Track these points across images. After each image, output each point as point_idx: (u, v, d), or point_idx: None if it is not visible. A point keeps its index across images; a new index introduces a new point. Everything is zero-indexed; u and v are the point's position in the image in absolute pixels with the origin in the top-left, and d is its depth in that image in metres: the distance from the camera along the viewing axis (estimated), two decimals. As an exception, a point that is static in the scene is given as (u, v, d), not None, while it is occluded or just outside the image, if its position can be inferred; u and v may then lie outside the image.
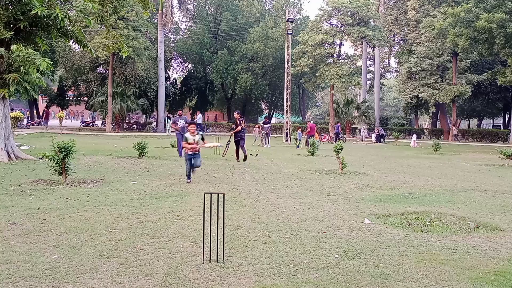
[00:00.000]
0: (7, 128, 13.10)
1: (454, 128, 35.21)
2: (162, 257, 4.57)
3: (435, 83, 36.67)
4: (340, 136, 32.94)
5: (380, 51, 45.42)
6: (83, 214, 6.33)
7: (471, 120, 57.82)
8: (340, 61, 37.94)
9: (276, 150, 21.66)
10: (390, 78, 58.72)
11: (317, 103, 72.96)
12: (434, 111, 41.66)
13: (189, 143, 9.39)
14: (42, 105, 54.55)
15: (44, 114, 44.85)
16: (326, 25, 37.20)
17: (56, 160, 8.81)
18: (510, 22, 26.82)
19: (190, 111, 56.25)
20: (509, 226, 6.31)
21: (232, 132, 15.43)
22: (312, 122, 28.27)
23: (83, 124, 47.84)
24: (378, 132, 34.59)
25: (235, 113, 16.12)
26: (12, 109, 40.76)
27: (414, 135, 30.07)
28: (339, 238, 5.47)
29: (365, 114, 38.08)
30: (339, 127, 34.09)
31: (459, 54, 35.08)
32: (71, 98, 50.23)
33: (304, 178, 11.07)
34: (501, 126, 49.05)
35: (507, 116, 48.34)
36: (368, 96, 51.59)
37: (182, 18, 52.84)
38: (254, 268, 4.31)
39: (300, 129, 26.61)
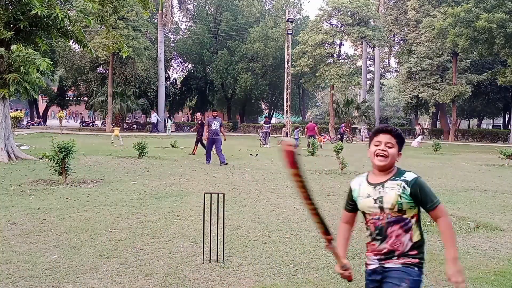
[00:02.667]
0: (7, 128, 13.11)
1: (419, 127, 35.07)
2: (162, 257, 4.57)
3: (435, 83, 36.65)
4: (346, 136, 32.89)
5: (380, 51, 45.40)
6: (83, 214, 6.33)
7: (471, 120, 57.80)
8: (340, 61, 37.92)
9: (276, 150, 21.65)
10: (390, 78, 58.69)
11: (317, 103, 72.92)
12: (434, 111, 41.64)
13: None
14: (42, 105, 54.55)
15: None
16: (326, 25, 37.18)
17: (56, 160, 8.82)
18: (510, 22, 26.81)
19: (190, 111, 56.25)
20: (509, 226, 6.31)
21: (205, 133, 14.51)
22: (312, 122, 28.03)
23: (83, 124, 47.82)
24: (417, 131, 34.37)
25: (199, 114, 19.43)
26: (17, 109, 40.70)
27: (420, 136, 29.93)
28: (339, 238, 5.46)
29: (365, 114, 38.07)
30: (343, 127, 34.08)
31: (459, 54, 35.05)
32: (71, 98, 50.24)
33: (304, 178, 11.05)
34: (501, 126, 49.03)
35: (507, 116, 48.32)
36: (368, 96, 51.55)
37: (182, 18, 52.86)
38: (254, 268, 4.31)
39: (297, 129, 26.50)
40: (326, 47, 36.01)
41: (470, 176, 12.36)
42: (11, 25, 12.23)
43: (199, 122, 16.96)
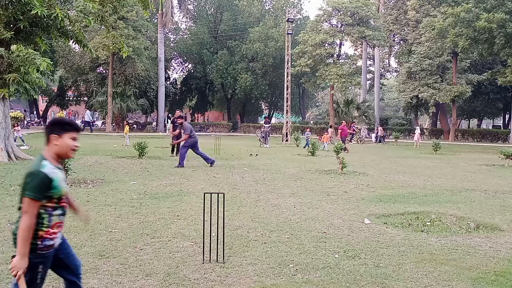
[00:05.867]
0: (7, 128, 13.12)
1: (380, 128, 34.92)
2: (162, 257, 4.57)
3: (435, 83, 36.66)
4: (358, 137, 32.71)
5: (380, 51, 45.40)
6: (83, 214, 6.32)
7: (471, 120, 57.79)
8: (340, 61, 37.91)
9: (276, 150, 21.65)
10: (390, 78, 58.72)
11: (317, 103, 72.96)
12: (434, 111, 41.65)
13: None
14: (42, 105, 54.49)
15: None
16: (326, 25, 37.18)
17: (56, 160, 8.80)
18: (510, 22, 26.80)
19: (190, 111, 56.28)
20: (509, 226, 6.31)
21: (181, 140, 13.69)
22: (343, 122, 26.19)
23: (83, 124, 47.73)
24: (379, 132, 34.50)
25: (178, 112, 17.68)
26: (25, 110, 40.48)
27: (417, 128, 29.68)
28: (339, 238, 5.47)
29: (365, 114, 38.07)
30: (353, 128, 33.98)
31: (459, 54, 35.06)
32: (71, 98, 50.22)
33: (304, 178, 11.07)
34: (501, 126, 49.03)
35: (507, 116, 48.30)
36: (368, 96, 51.54)
37: (182, 18, 52.89)
38: (254, 268, 4.31)
39: (308, 130, 26.27)
40: (326, 47, 36.00)
41: (470, 176, 12.36)
42: (11, 25, 12.23)
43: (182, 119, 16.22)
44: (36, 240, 2.61)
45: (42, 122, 45.09)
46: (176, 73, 57.93)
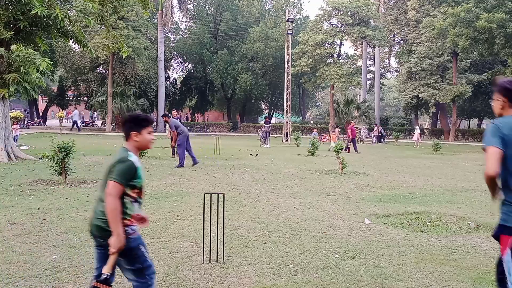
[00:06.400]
0: (7, 128, 13.11)
1: (377, 127, 34.83)
2: (162, 257, 4.57)
3: (435, 83, 36.65)
4: (358, 137, 32.53)
5: (380, 51, 45.40)
6: (83, 214, 6.32)
7: (471, 120, 57.76)
8: (340, 61, 37.91)
9: (276, 150, 21.65)
10: (390, 78, 58.70)
11: (317, 103, 72.95)
12: (434, 111, 41.65)
13: None
14: (42, 105, 54.45)
15: None
16: (326, 25, 37.19)
17: (56, 160, 8.82)
18: (510, 22, 26.79)
19: (190, 111, 56.28)
20: (509, 226, 6.30)
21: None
22: (352, 123, 24.90)
23: (82, 124, 47.76)
24: (378, 132, 34.47)
25: (175, 112, 16.13)
26: (25, 110, 40.03)
27: (417, 128, 29.53)
28: (339, 238, 5.47)
29: (365, 114, 38.06)
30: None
31: (459, 54, 35.04)
32: (71, 98, 50.20)
33: (304, 178, 11.06)
34: (501, 126, 48.95)
35: (507, 116, 48.15)
36: (368, 96, 51.53)
37: (182, 18, 52.85)
38: (254, 268, 4.31)
39: (315, 130, 26.08)
40: (326, 47, 36.01)
41: (470, 176, 12.35)
42: (11, 25, 12.23)
43: (179, 119, 15.80)
44: (123, 228, 2.80)
45: (42, 122, 45.14)
46: (176, 73, 57.96)
